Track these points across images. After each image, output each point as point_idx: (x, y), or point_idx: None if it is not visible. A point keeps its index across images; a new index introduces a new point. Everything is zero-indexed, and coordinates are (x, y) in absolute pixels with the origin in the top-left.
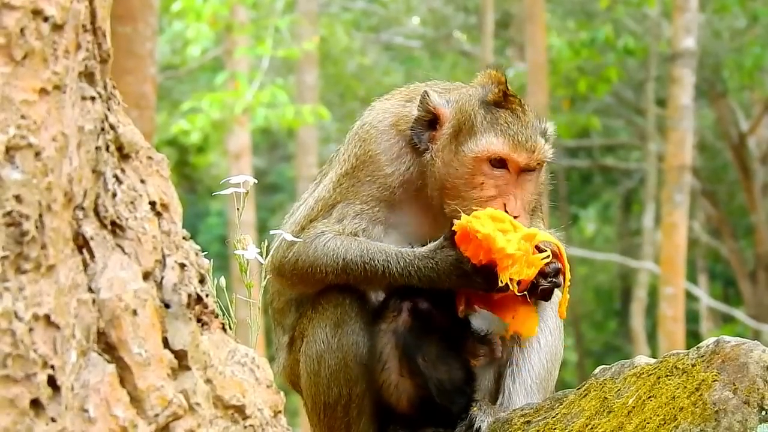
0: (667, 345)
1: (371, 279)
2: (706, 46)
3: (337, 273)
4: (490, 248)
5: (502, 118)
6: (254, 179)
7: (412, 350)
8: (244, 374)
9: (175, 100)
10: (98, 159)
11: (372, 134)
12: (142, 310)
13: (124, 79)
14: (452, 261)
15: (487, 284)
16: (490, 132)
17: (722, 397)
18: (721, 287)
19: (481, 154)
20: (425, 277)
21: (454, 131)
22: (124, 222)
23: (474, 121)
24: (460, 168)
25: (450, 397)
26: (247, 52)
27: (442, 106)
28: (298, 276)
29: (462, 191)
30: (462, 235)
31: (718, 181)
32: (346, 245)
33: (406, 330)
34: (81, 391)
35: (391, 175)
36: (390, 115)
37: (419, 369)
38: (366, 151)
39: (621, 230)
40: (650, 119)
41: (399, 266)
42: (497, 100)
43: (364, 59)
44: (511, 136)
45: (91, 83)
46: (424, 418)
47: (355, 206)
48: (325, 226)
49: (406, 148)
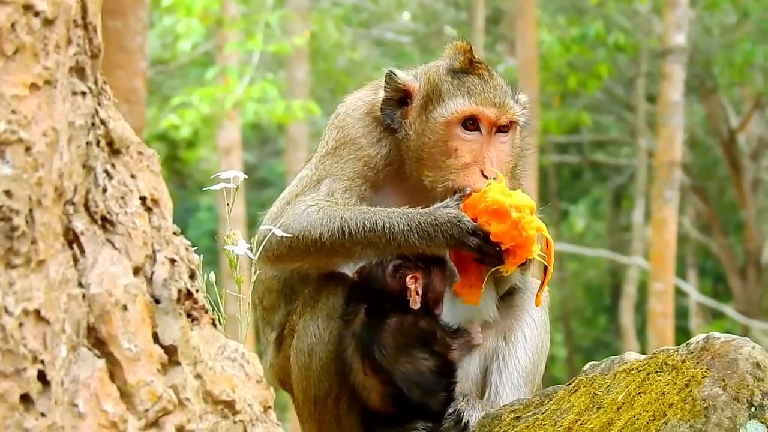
0: (657, 341)
1: (370, 239)
2: (696, 43)
3: (332, 237)
4: (525, 250)
5: (469, 81)
6: (244, 174)
7: (369, 346)
8: (234, 369)
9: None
10: (89, 154)
11: (348, 122)
12: (132, 305)
13: (114, 73)
14: (451, 217)
15: (480, 254)
16: (457, 95)
17: (712, 393)
18: (710, 283)
19: (451, 117)
20: (424, 234)
21: (423, 102)
22: (114, 217)
23: (441, 88)
24: (433, 136)
25: (422, 390)
26: (238, 47)
27: (410, 81)
28: (285, 247)
29: (438, 160)
30: (498, 211)
31: (708, 177)
32: (342, 210)
33: (363, 328)
34: (71, 386)
35: (375, 156)
36: (363, 103)
37: (379, 364)
38: (345, 135)
39: (611, 226)
40: (640, 115)
41: (401, 221)
42: (463, 67)
43: (354, 54)
44: (478, 95)
45: (82, 78)
46: (405, 415)
47: (343, 182)
48: (314, 199)
49: (384, 133)
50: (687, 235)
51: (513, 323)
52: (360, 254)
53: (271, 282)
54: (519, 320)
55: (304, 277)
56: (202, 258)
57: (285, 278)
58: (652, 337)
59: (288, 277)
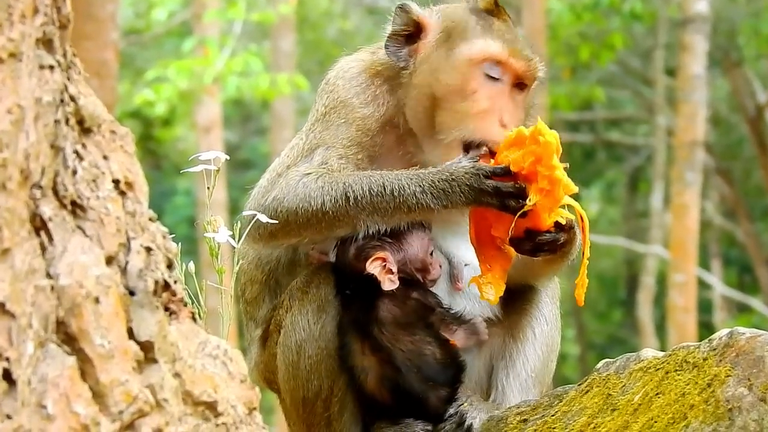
0: (677, 337)
1: (376, 204)
2: (719, 11)
3: (335, 205)
4: (544, 161)
5: (495, 25)
6: (225, 155)
7: (367, 325)
8: (216, 368)
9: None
10: (57, 133)
11: (338, 84)
12: (105, 297)
13: (82, 44)
14: (468, 167)
15: (500, 198)
16: (486, 35)
17: (736, 393)
18: (736, 274)
19: (477, 56)
20: (439, 193)
21: (443, 37)
22: (85, 202)
23: (466, 25)
24: (452, 72)
25: (422, 376)
26: (218, 15)
27: (426, 15)
28: (281, 222)
29: (453, 102)
30: (516, 138)
31: (732, 157)
32: (343, 175)
33: (359, 309)
34: (39, 385)
35: (369, 117)
36: (357, 63)
37: (379, 343)
38: (335, 98)
39: (627, 211)
40: (659, 90)
41: (411, 182)
42: (489, 8)
43: (345, 23)
44: (508, 41)
45: (50, 51)
46: (400, 405)
47: (337, 150)
48: (309, 168)
49: (380, 89)
50: (710, 221)
51: (521, 319)
52: (365, 222)
53: (254, 273)
54: (528, 316)
55: (291, 267)
56: (180, 246)
57: (270, 268)
58: (673, 333)
59: (273, 268)
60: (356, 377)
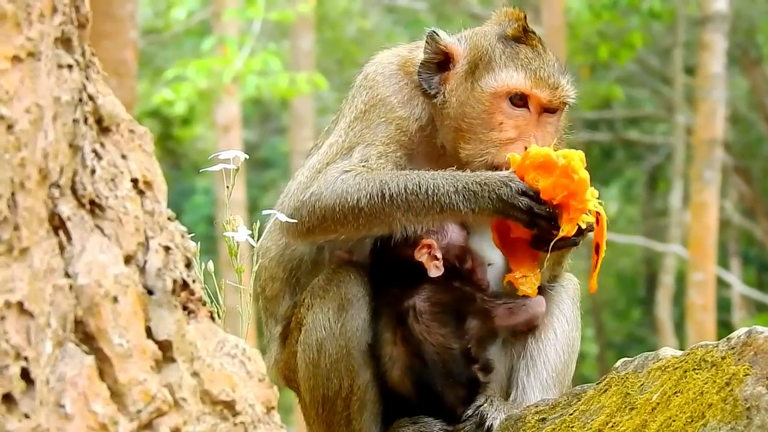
0: (696, 336)
1: (411, 203)
2: (739, 9)
3: (371, 202)
4: (579, 197)
5: (522, 53)
6: (245, 154)
7: (404, 313)
8: (234, 367)
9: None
10: (76, 132)
11: (378, 80)
12: (124, 296)
13: (101, 44)
14: (502, 177)
15: (531, 216)
16: (510, 66)
17: (754, 392)
18: (755, 273)
19: (501, 89)
20: (470, 195)
21: (469, 68)
22: (103, 201)
23: (492, 55)
24: (477, 106)
25: (446, 371)
26: (237, 14)
27: (454, 44)
28: (318, 218)
29: (479, 132)
30: (545, 163)
31: (752, 156)
32: (381, 173)
33: (397, 298)
34: (57, 384)
35: (407, 118)
36: (395, 58)
37: (411, 332)
38: (374, 95)
39: (646, 210)
40: (678, 89)
41: (446, 182)
42: (516, 35)
43: (364, 22)
44: (532, 71)
45: (68, 50)
46: (420, 399)
47: (376, 147)
48: (348, 166)
49: (416, 91)
50: (729, 220)
51: (543, 319)
52: (400, 222)
53: (275, 270)
54: (549, 315)
55: (314, 266)
56: (199, 245)
57: (292, 267)
58: (691, 332)
59: (296, 266)
60: (381, 367)
